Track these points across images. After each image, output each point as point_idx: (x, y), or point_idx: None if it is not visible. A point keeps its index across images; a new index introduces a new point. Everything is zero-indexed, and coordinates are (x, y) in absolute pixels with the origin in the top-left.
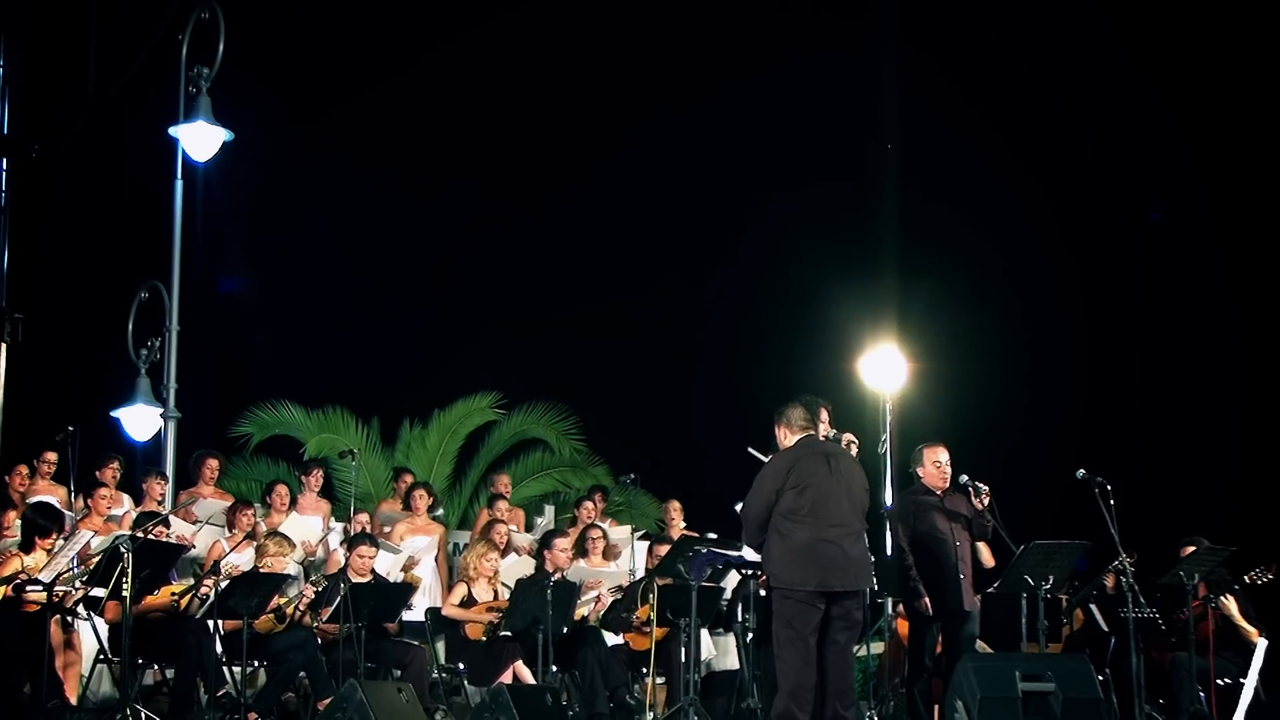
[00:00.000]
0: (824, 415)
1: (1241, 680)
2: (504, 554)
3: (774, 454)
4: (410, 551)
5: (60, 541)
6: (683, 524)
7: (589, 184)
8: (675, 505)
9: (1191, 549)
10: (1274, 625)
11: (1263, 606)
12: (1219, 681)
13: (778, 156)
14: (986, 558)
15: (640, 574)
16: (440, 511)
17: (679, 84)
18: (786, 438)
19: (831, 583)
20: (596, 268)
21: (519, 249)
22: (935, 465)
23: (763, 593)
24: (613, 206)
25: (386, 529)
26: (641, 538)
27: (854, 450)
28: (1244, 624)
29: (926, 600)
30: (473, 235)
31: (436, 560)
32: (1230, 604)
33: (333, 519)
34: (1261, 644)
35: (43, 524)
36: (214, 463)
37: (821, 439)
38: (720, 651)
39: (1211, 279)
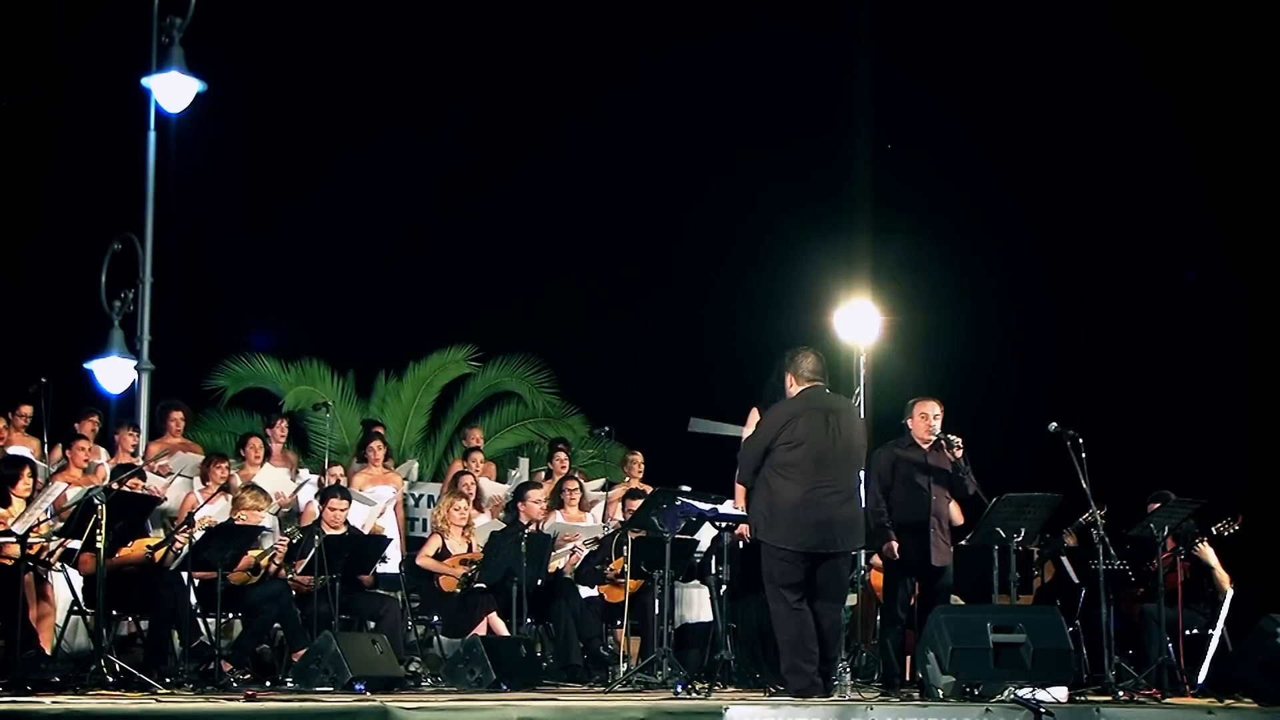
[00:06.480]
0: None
1: (1210, 631)
2: (476, 503)
3: (779, 402)
4: (381, 503)
5: (35, 490)
6: (640, 476)
7: (564, 139)
8: (637, 457)
9: (1157, 505)
10: (1239, 577)
11: (1227, 558)
12: (1187, 632)
13: (751, 112)
14: (955, 515)
15: (604, 525)
16: (413, 464)
17: (653, 39)
18: (793, 386)
19: (815, 544)
20: (572, 222)
21: (495, 203)
22: (922, 417)
23: (741, 545)
24: (588, 161)
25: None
26: (603, 489)
27: None
28: (1221, 571)
29: (895, 544)
30: (449, 188)
31: (395, 510)
32: (1208, 552)
33: (305, 470)
34: (1228, 595)
35: (8, 473)
36: (179, 415)
37: (828, 391)
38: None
39: (1197, 221)
